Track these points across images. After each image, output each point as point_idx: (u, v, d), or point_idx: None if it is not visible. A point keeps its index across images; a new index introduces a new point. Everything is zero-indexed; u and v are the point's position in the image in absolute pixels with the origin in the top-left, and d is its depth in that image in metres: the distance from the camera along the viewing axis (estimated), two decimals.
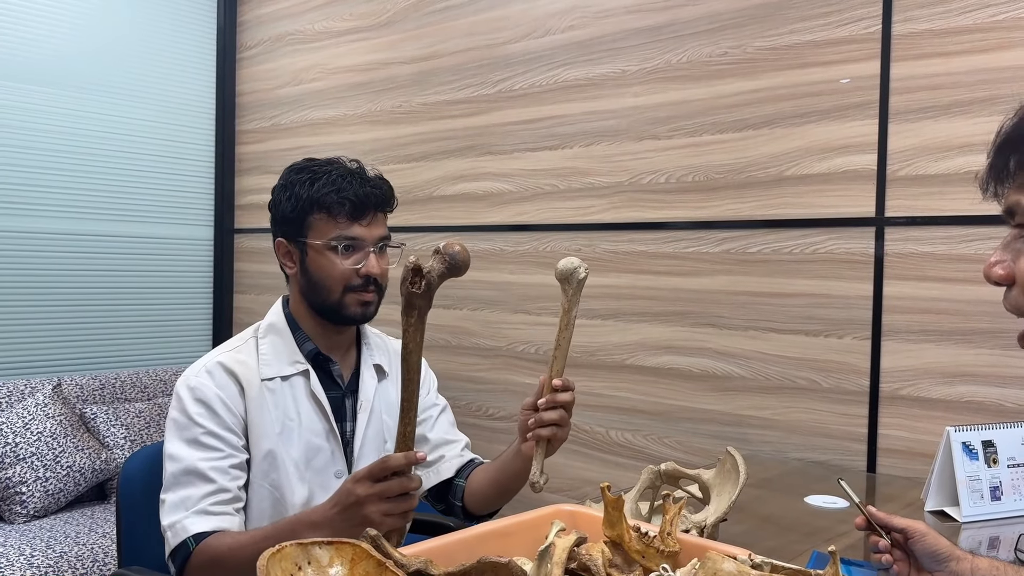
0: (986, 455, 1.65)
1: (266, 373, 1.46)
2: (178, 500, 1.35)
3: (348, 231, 1.44)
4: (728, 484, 1.28)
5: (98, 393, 3.19)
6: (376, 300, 1.49)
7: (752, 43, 2.31)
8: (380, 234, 1.48)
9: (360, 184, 1.46)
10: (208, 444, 1.38)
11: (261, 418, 1.43)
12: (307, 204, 1.45)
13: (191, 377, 1.44)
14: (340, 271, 1.44)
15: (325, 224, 1.45)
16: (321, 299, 1.47)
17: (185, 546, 1.31)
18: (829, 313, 2.20)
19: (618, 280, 2.57)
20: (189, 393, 1.42)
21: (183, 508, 1.34)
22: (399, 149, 3.13)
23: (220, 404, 1.41)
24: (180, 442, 1.39)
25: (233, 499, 1.38)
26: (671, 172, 2.46)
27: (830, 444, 2.19)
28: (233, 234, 3.79)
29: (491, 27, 2.86)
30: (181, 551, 1.31)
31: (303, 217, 1.46)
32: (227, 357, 1.47)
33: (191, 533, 1.32)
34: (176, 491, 1.36)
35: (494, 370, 2.88)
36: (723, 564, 0.82)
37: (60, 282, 3.31)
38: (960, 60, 2.01)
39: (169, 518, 1.35)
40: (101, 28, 3.40)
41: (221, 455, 1.38)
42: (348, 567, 0.78)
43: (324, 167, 1.48)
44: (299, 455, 1.45)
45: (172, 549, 1.33)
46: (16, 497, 2.68)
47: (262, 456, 1.43)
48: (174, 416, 1.42)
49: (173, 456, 1.38)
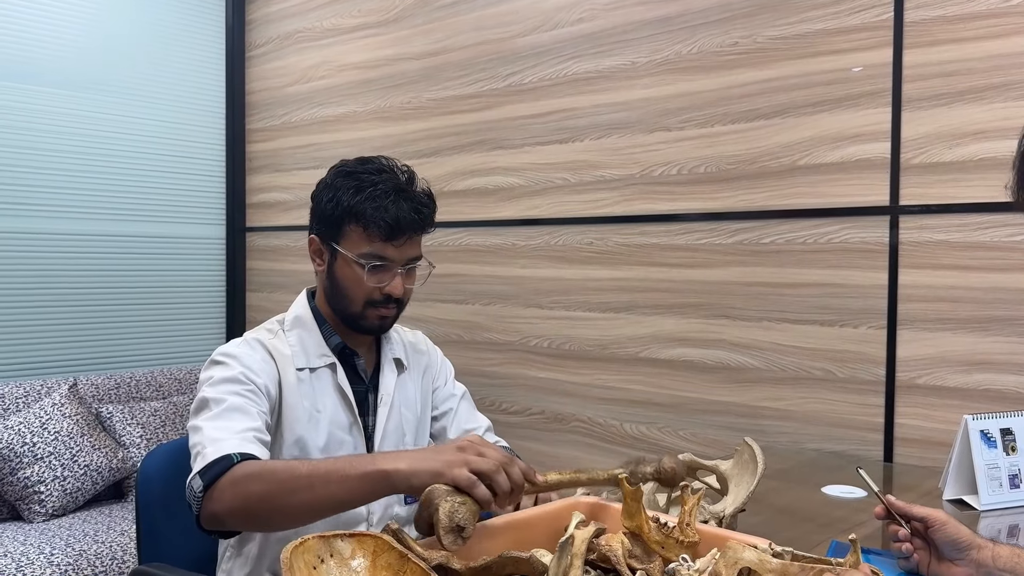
0: (1004, 443, 1.64)
1: (298, 363, 1.46)
2: (221, 428, 1.28)
3: (380, 250, 1.42)
4: (746, 475, 1.28)
5: (114, 392, 3.20)
6: (395, 314, 1.49)
7: (763, 32, 2.30)
8: (411, 255, 1.46)
9: (402, 204, 1.41)
10: (249, 396, 1.35)
11: (294, 403, 1.44)
12: (345, 212, 1.42)
13: (231, 347, 1.42)
14: (364, 287, 1.43)
15: (359, 237, 1.42)
16: (342, 306, 1.48)
17: (228, 459, 1.22)
18: (844, 303, 2.19)
19: (631, 273, 2.57)
20: (233, 360, 1.39)
21: (227, 433, 1.27)
22: (409, 145, 3.13)
23: (262, 372, 1.40)
24: (225, 391, 1.33)
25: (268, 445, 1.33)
26: (683, 164, 2.45)
27: (846, 434, 2.18)
28: (245, 232, 3.80)
29: (500, 21, 2.86)
30: (222, 462, 1.21)
31: (339, 224, 1.44)
32: (265, 338, 1.46)
33: (239, 451, 1.23)
34: (218, 422, 1.29)
35: (507, 364, 2.88)
36: (744, 553, 0.82)
37: (74, 283, 3.32)
38: (973, 46, 1.99)
39: (208, 436, 1.26)
40: (110, 29, 3.41)
41: (263, 409, 1.36)
42: (370, 559, 0.78)
43: (372, 176, 1.44)
44: (323, 445, 1.45)
45: (210, 461, 1.22)
46: (35, 496, 2.70)
47: (293, 441, 1.43)
48: (214, 373, 1.37)
49: (215, 399, 1.32)
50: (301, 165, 3.54)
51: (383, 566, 0.79)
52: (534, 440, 2.80)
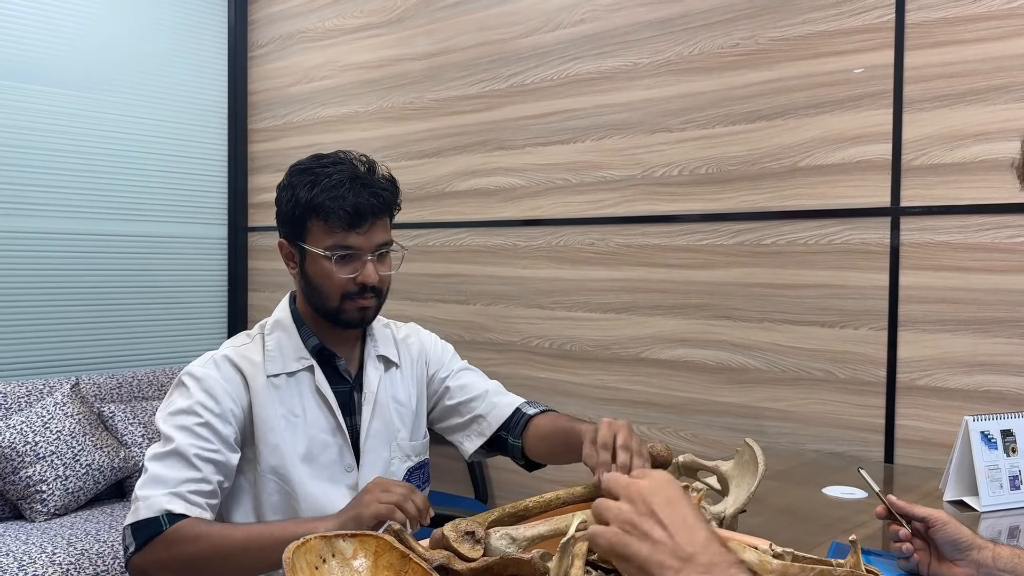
0: (1005, 444, 1.64)
1: (271, 369, 1.46)
2: (160, 476, 1.32)
3: (344, 240, 1.41)
4: (747, 475, 1.28)
5: (115, 392, 3.21)
6: (375, 304, 1.47)
7: (765, 34, 2.30)
8: (379, 241, 1.45)
9: (360, 191, 1.41)
10: (202, 434, 1.37)
11: (267, 413, 1.43)
12: (305, 209, 1.42)
13: (196, 367, 1.43)
14: (336, 280, 1.43)
15: (321, 231, 1.42)
16: (320, 304, 1.47)
17: (157, 522, 1.28)
18: (845, 304, 2.19)
19: (632, 274, 2.57)
20: (194, 382, 1.41)
21: (163, 485, 1.31)
22: (411, 145, 3.14)
23: (224, 395, 1.40)
24: (175, 426, 1.37)
25: (211, 493, 1.36)
26: (684, 164, 2.46)
27: (847, 435, 2.19)
28: (247, 232, 3.81)
29: (502, 22, 2.86)
30: (151, 525, 1.28)
31: (302, 221, 1.44)
32: (233, 352, 1.46)
33: (168, 511, 1.29)
34: (160, 466, 1.33)
35: (508, 364, 2.88)
36: (744, 553, 0.82)
37: (76, 282, 3.33)
38: (975, 48, 1.99)
39: (146, 490, 1.31)
40: (112, 29, 3.41)
41: (212, 447, 1.37)
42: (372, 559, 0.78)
43: (327, 169, 1.44)
44: (304, 451, 1.44)
45: (140, 520, 1.29)
46: (37, 496, 2.70)
47: (269, 450, 1.43)
48: (176, 401, 1.40)
49: (166, 436, 1.37)
50: None
51: (385, 566, 0.79)
52: None
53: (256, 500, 1.45)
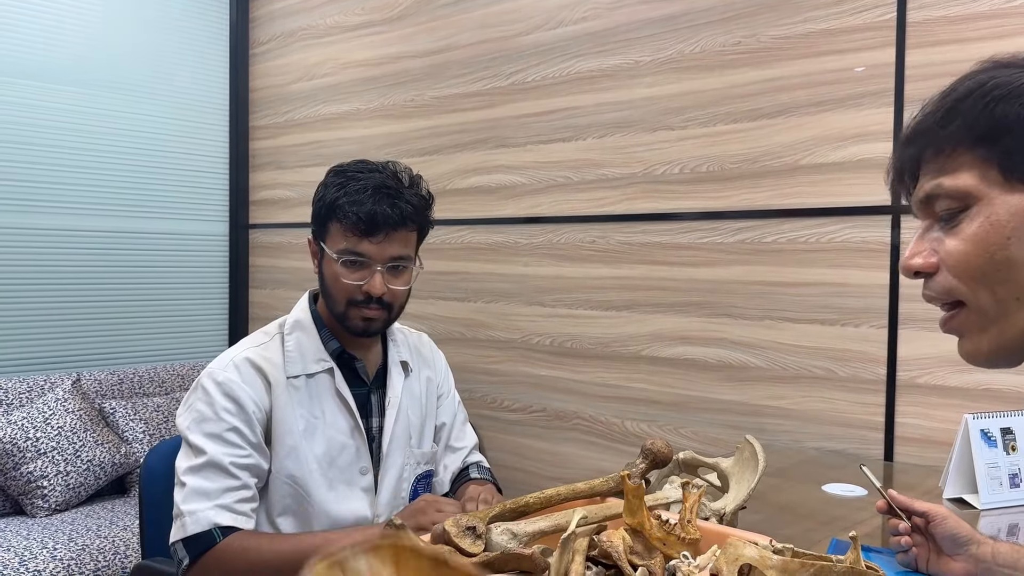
0: (1004, 442, 1.65)
1: (292, 371, 1.45)
2: (201, 488, 1.35)
3: (356, 246, 1.41)
4: (747, 472, 1.28)
5: (116, 388, 3.22)
6: (383, 316, 1.46)
7: (766, 32, 2.30)
8: (393, 253, 1.44)
9: (380, 200, 1.40)
10: (233, 441, 1.38)
11: (285, 415, 1.43)
12: (328, 209, 1.44)
13: (218, 371, 1.43)
14: (344, 285, 1.43)
15: (338, 234, 1.43)
16: (329, 306, 1.48)
17: (210, 535, 1.32)
18: (845, 302, 2.19)
19: (633, 271, 2.57)
20: (216, 387, 1.41)
21: (206, 498, 1.34)
22: (412, 143, 3.14)
23: (248, 399, 1.41)
24: (204, 436, 1.38)
25: (252, 498, 1.39)
26: (685, 162, 2.46)
27: (847, 433, 2.19)
28: (248, 230, 3.81)
29: (503, 19, 2.86)
30: (203, 539, 1.32)
31: (325, 221, 1.45)
32: (254, 353, 1.46)
33: (218, 524, 1.32)
34: (198, 479, 1.35)
35: (508, 362, 2.88)
36: (745, 550, 0.83)
37: (78, 278, 3.33)
38: (976, 47, 1.99)
39: (190, 504, 1.34)
40: (114, 26, 3.41)
41: (244, 453, 1.39)
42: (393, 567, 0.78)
43: (360, 174, 1.44)
44: (322, 452, 1.45)
45: (191, 535, 1.32)
46: (38, 491, 2.71)
47: (285, 452, 1.43)
48: (199, 408, 1.40)
49: (196, 447, 1.38)
50: (304, 162, 3.55)
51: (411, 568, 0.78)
52: (535, 438, 2.80)
53: (267, 502, 1.45)
